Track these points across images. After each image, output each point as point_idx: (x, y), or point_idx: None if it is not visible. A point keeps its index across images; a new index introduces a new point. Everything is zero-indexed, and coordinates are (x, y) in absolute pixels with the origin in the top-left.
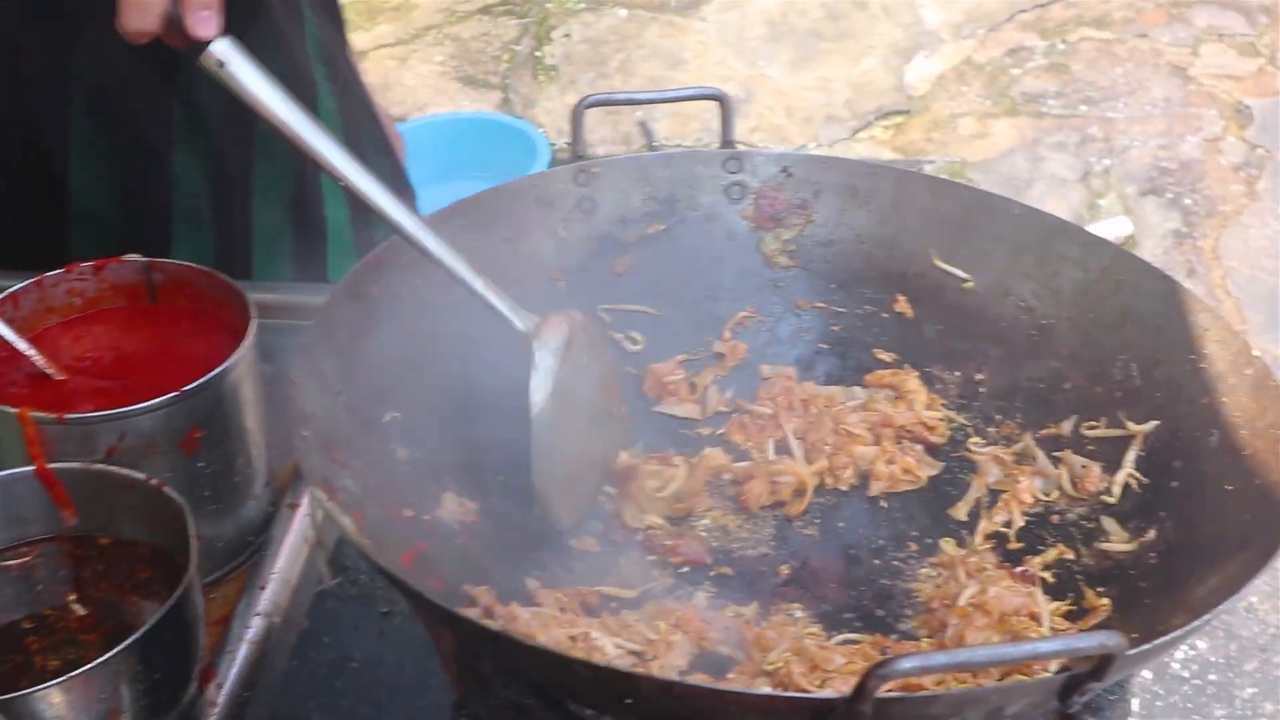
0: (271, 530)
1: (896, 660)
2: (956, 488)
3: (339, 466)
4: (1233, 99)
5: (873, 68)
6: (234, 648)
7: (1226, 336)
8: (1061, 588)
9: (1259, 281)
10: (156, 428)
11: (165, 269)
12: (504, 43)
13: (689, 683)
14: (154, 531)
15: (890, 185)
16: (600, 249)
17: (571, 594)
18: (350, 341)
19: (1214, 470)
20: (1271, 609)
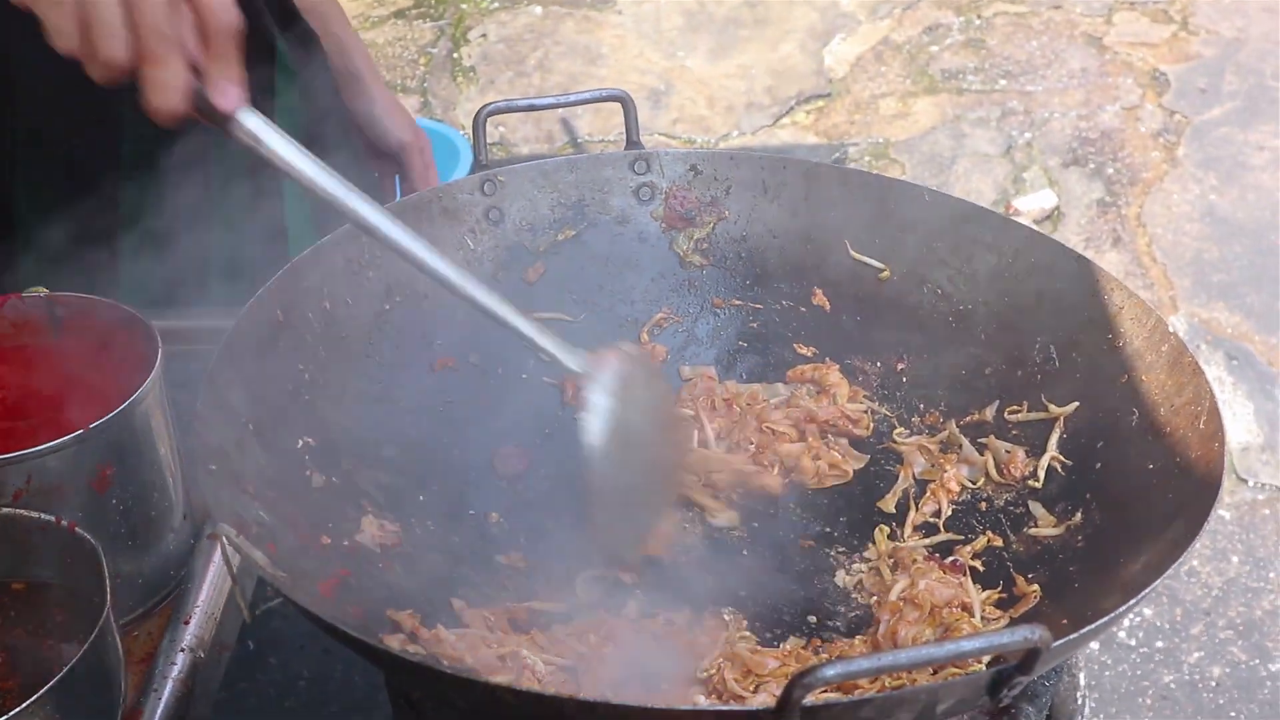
0: (193, 563)
1: (820, 668)
2: (884, 480)
3: (249, 498)
4: (1148, 66)
5: (791, 53)
6: (159, 686)
7: (1141, 314)
8: (992, 576)
9: (1184, 246)
10: (65, 467)
11: (68, 302)
12: (420, 46)
13: (613, 702)
14: (68, 573)
15: (800, 178)
16: (510, 258)
17: (499, 612)
18: (257, 368)
19: (1136, 450)
20: (1214, 571)
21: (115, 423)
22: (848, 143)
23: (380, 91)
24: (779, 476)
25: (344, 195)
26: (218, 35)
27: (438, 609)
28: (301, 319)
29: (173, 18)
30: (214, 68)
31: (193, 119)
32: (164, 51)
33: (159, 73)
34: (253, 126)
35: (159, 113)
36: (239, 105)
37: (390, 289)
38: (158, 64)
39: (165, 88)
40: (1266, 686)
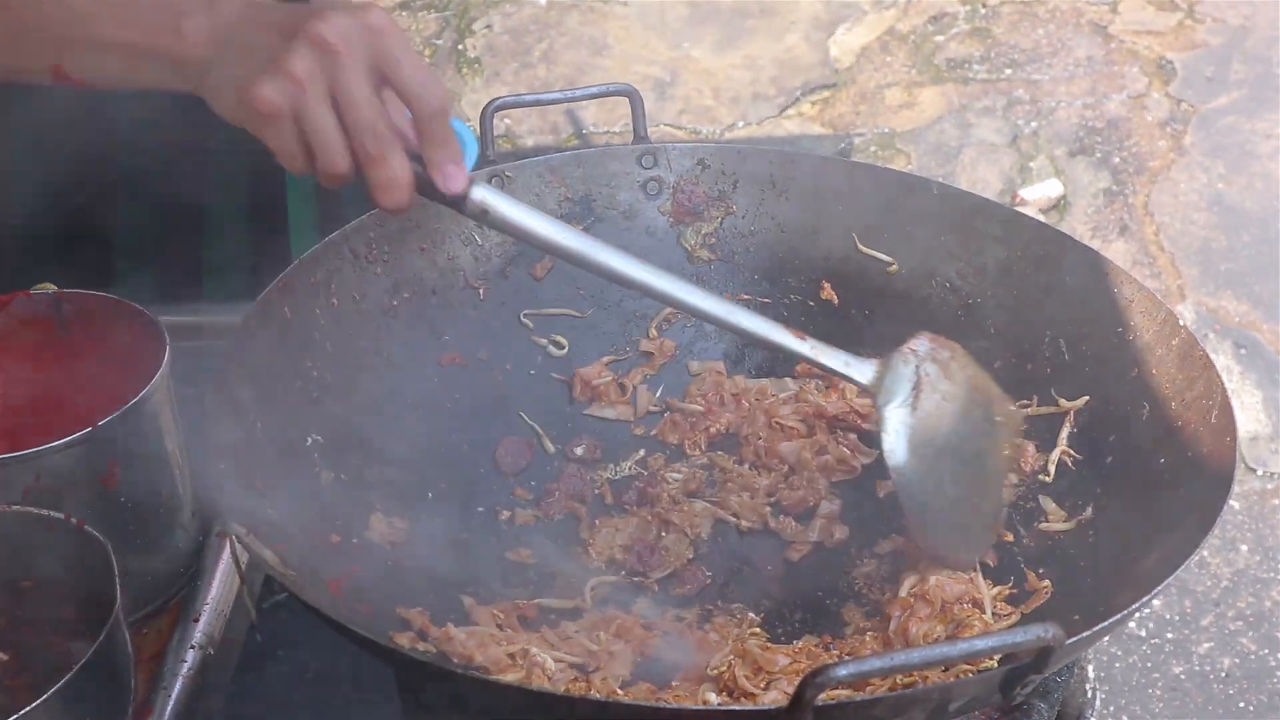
0: (202, 559)
1: (832, 668)
2: None
3: (259, 496)
4: (1155, 55)
5: (797, 43)
6: (169, 684)
7: (1151, 307)
8: (1003, 571)
9: (1191, 235)
10: (73, 465)
11: (75, 300)
12: (425, 37)
13: (625, 701)
14: (77, 571)
15: (808, 172)
16: (519, 253)
17: (508, 608)
18: (266, 366)
19: (1147, 444)
20: (1223, 562)
21: (123, 420)
22: (854, 133)
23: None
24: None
25: (586, 248)
26: (430, 118)
27: (447, 606)
28: (309, 316)
29: (384, 112)
30: (434, 152)
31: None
32: (383, 151)
33: (383, 172)
34: (480, 199)
35: (389, 209)
36: (464, 186)
37: (398, 285)
38: (380, 165)
39: (390, 185)
40: (1276, 676)
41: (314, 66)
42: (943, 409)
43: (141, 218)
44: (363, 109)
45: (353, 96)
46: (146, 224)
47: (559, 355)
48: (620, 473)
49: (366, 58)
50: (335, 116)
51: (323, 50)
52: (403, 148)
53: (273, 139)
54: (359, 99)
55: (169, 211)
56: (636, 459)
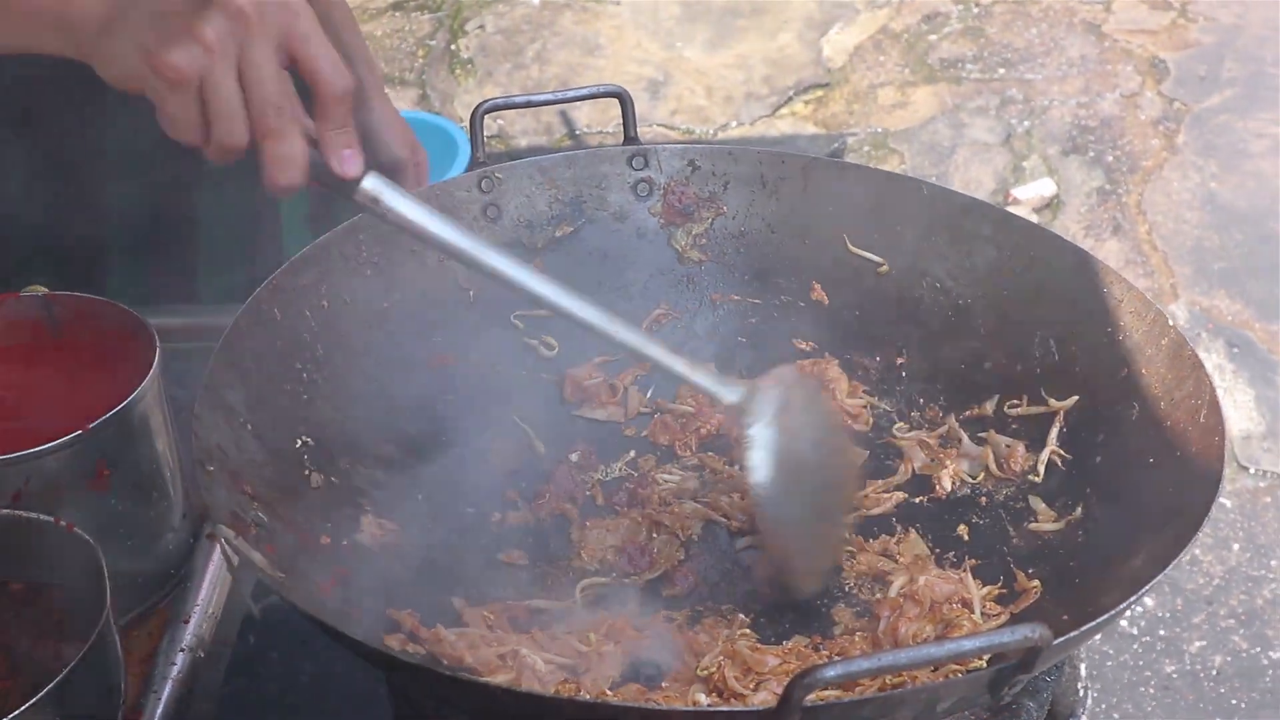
0: (193, 561)
1: (821, 669)
2: (884, 475)
3: (248, 499)
4: (1148, 54)
5: (789, 42)
6: (159, 687)
7: (1141, 307)
8: (992, 571)
9: (1184, 234)
10: (63, 467)
11: (66, 302)
12: (418, 38)
13: (613, 702)
14: (67, 574)
15: (799, 173)
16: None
17: (499, 610)
18: (256, 368)
19: (1136, 443)
20: (1215, 560)
21: (113, 423)
22: (847, 133)
23: (380, 104)
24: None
25: (477, 250)
26: (333, 101)
27: (438, 608)
28: (299, 317)
29: (287, 90)
30: (332, 135)
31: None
32: (282, 126)
33: (281, 147)
34: (372, 189)
35: (278, 188)
36: (360, 171)
37: (389, 287)
38: (278, 140)
39: (284, 162)
40: (1268, 675)
41: (225, 34)
42: (802, 435)
43: (134, 218)
44: (268, 82)
45: (259, 69)
46: (139, 225)
47: (549, 356)
48: (611, 474)
49: (277, 32)
50: (239, 88)
51: (235, 19)
52: (301, 127)
53: (172, 106)
54: (265, 72)
55: (162, 212)
56: (627, 460)
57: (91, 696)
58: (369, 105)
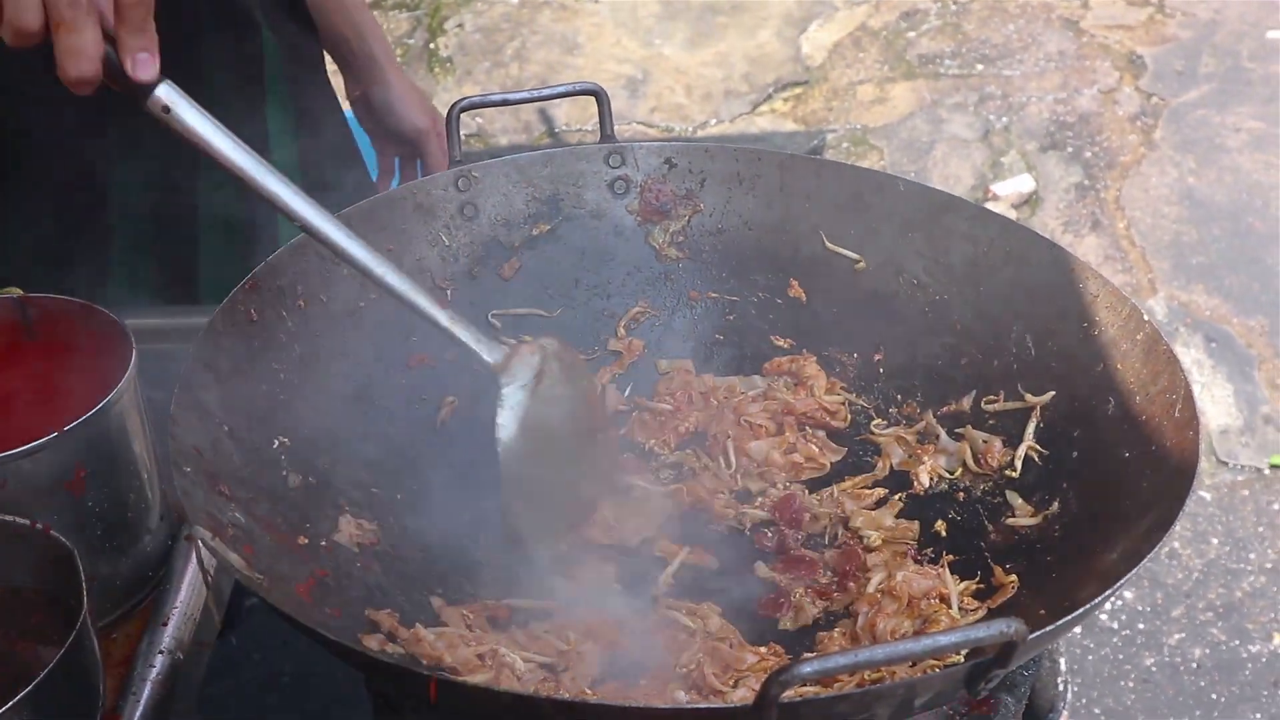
0: (171, 563)
1: (797, 666)
2: (862, 472)
3: (225, 500)
4: (1125, 49)
5: (768, 40)
6: (138, 689)
7: (1116, 302)
8: (970, 566)
9: (1162, 229)
10: (39, 470)
11: (41, 304)
12: (396, 37)
13: (590, 701)
14: (44, 577)
15: (775, 169)
16: (486, 254)
17: (478, 609)
18: (232, 369)
19: (1112, 438)
20: (1194, 553)
21: (90, 424)
22: (826, 129)
23: (397, 77)
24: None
25: (260, 175)
26: (130, 5)
27: (417, 608)
28: (276, 318)
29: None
30: (129, 37)
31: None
32: (75, 17)
33: (72, 39)
34: (164, 96)
35: (73, 80)
36: (153, 75)
37: (365, 286)
38: (70, 30)
39: (78, 54)
40: (1247, 668)
41: None
42: (556, 403)
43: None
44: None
45: None
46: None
47: None
48: None
49: None
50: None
51: None
52: (98, 23)
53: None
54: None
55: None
56: None
57: (70, 699)
58: (385, 79)
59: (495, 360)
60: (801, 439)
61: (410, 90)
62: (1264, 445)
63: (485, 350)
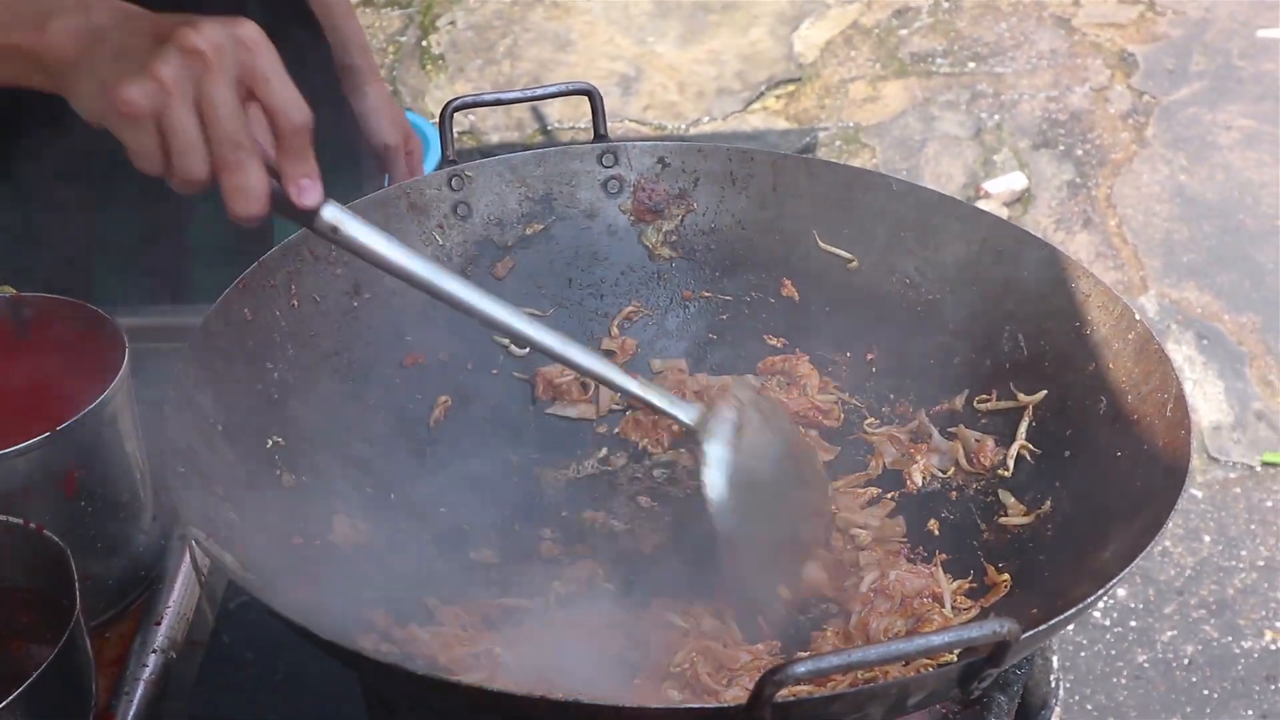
0: (164, 563)
1: (790, 665)
2: (855, 471)
3: (219, 500)
4: (1117, 47)
5: (761, 37)
6: (130, 688)
7: (1108, 302)
8: (963, 565)
9: (1153, 227)
10: (32, 469)
11: (35, 303)
12: (389, 34)
13: (584, 701)
14: (36, 576)
15: (768, 169)
16: (479, 253)
17: (472, 608)
18: (226, 368)
19: (1105, 437)
20: (1186, 550)
21: (83, 424)
22: (818, 127)
23: (375, 91)
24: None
25: (434, 276)
26: (291, 134)
27: (411, 607)
28: (270, 317)
29: (246, 123)
30: (290, 166)
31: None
32: (241, 159)
33: (238, 179)
34: (331, 218)
35: (241, 219)
36: (318, 200)
37: (359, 286)
38: (237, 172)
39: (246, 194)
40: (1239, 664)
41: (181, 73)
42: (761, 454)
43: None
44: (225, 119)
45: (216, 105)
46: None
47: (521, 355)
48: (582, 471)
49: (235, 69)
50: (198, 123)
51: (192, 57)
52: (261, 160)
53: (131, 139)
54: (222, 108)
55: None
56: (599, 458)
57: (62, 699)
58: (363, 91)
59: (692, 420)
60: None
61: (385, 105)
62: (1255, 442)
63: (682, 412)
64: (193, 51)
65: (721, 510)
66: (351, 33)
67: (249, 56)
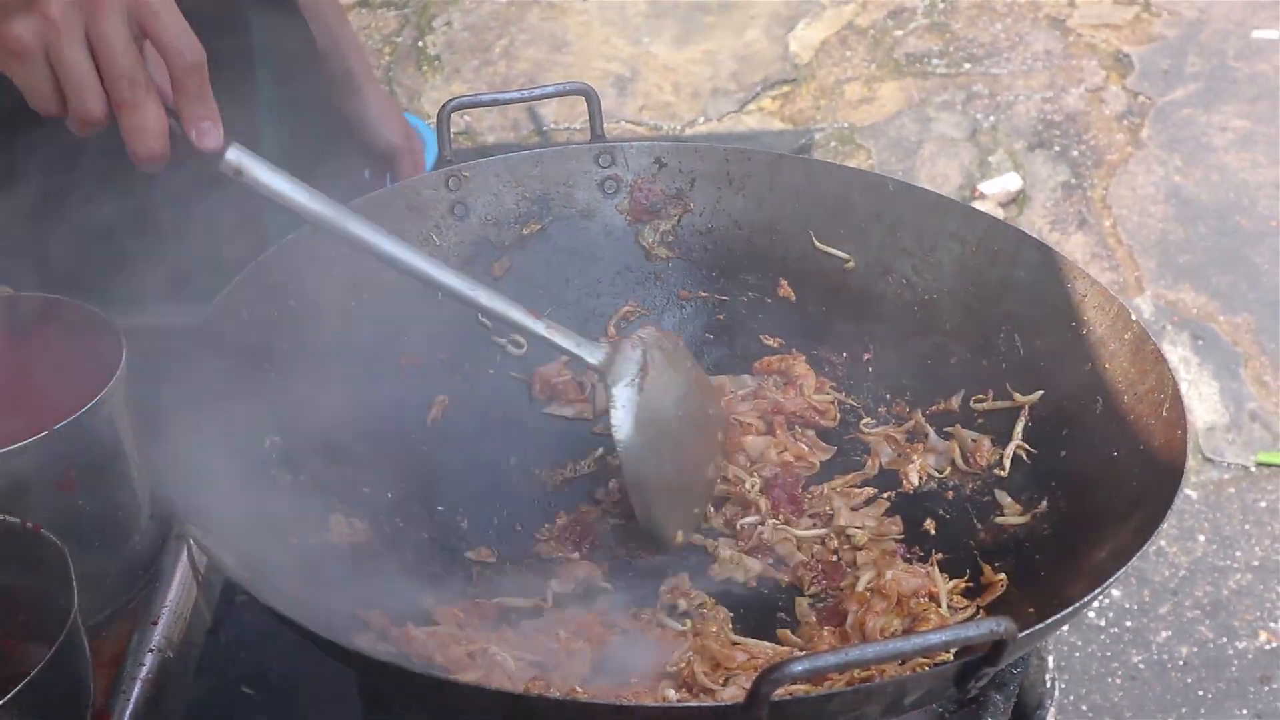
0: (161, 562)
1: (788, 664)
2: (851, 471)
3: (217, 499)
4: (1112, 48)
5: (757, 38)
6: (127, 687)
7: (1104, 302)
8: (959, 565)
9: (1149, 228)
10: (29, 468)
11: (32, 303)
12: (385, 35)
13: (581, 700)
14: (33, 576)
15: (765, 169)
16: (476, 253)
17: (469, 607)
18: (223, 368)
19: (1100, 438)
20: (1181, 551)
21: (80, 423)
22: (814, 128)
23: (374, 93)
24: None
25: (337, 217)
26: (186, 73)
27: (407, 607)
28: (267, 317)
29: (141, 60)
30: (189, 107)
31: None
32: (138, 97)
33: (136, 117)
34: (235, 160)
35: (142, 158)
36: (219, 143)
37: (356, 286)
38: (135, 110)
39: (144, 131)
40: (1234, 665)
41: (69, 8)
42: (665, 393)
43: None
44: (118, 54)
45: (109, 41)
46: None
47: (518, 354)
48: (579, 471)
49: (124, 6)
50: (90, 60)
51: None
52: (158, 98)
53: (22, 77)
54: (115, 43)
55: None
56: (595, 457)
57: (60, 698)
58: (361, 94)
59: (598, 361)
60: (791, 438)
61: (387, 106)
62: (1250, 442)
63: (587, 353)
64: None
65: (629, 450)
66: (346, 37)
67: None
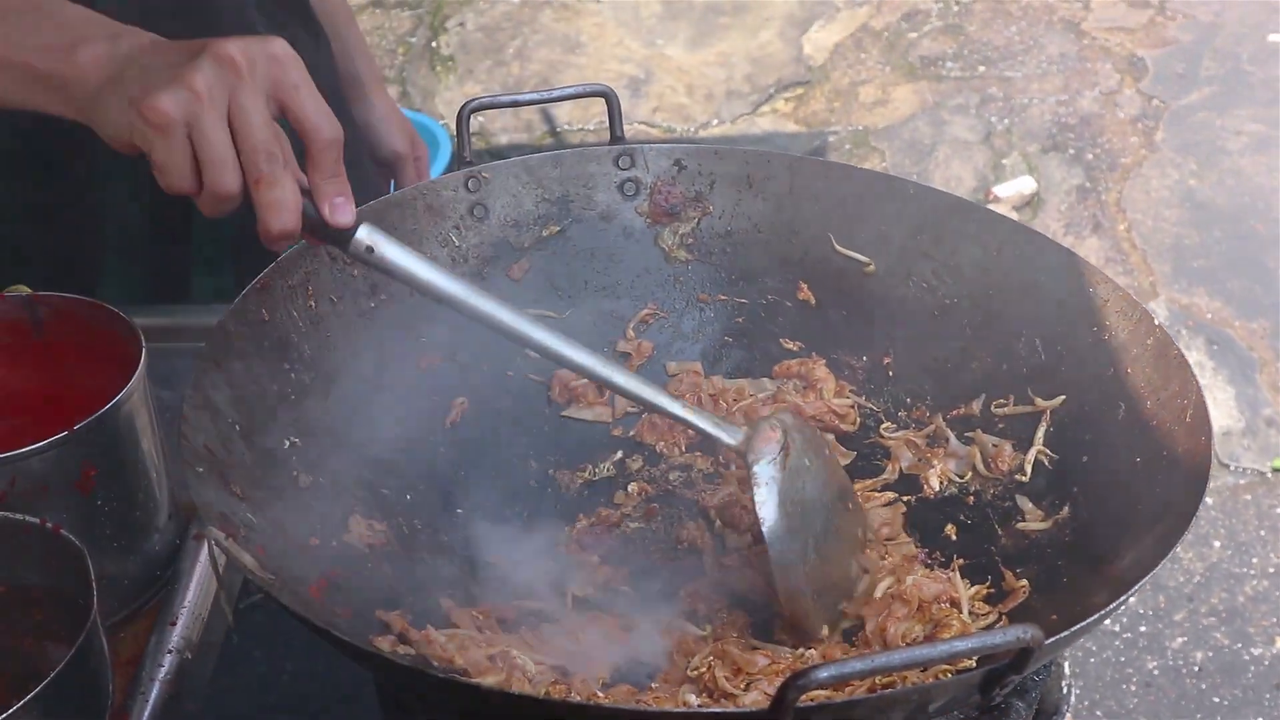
0: (179, 563)
1: (814, 670)
2: (871, 475)
3: (237, 500)
4: (1126, 52)
5: (771, 40)
6: (146, 688)
7: (1126, 307)
8: (980, 571)
9: (1163, 231)
10: (48, 469)
11: (50, 302)
12: (398, 35)
13: (604, 704)
14: (53, 575)
15: (785, 172)
16: (495, 254)
17: (488, 611)
18: (243, 369)
19: (1123, 443)
20: (1196, 557)
21: (99, 423)
22: (827, 131)
23: (380, 98)
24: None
25: (472, 298)
26: (324, 149)
27: (427, 609)
28: (287, 318)
29: (279, 137)
30: (324, 183)
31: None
32: (275, 172)
33: (273, 193)
34: (366, 238)
35: (275, 235)
36: (351, 219)
37: (375, 287)
38: (271, 186)
39: (279, 208)
40: (1249, 671)
41: (214, 82)
42: (807, 476)
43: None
44: (257, 129)
45: (249, 116)
46: (131, 225)
47: (537, 357)
48: (599, 474)
49: (266, 82)
50: (229, 135)
51: (224, 67)
52: (294, 174)
53: (161, 152)
54: (255, 119)
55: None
56: (614, 460)
57: (78, 699)
58: (369, 100)
59: (737, 441)
60: None
61: (392, 113)
62: (1266, 448)
63: (726, 434)
64: (227, 59)
65: (774, 530)
66: (354, 42)
67: (280, 69)
